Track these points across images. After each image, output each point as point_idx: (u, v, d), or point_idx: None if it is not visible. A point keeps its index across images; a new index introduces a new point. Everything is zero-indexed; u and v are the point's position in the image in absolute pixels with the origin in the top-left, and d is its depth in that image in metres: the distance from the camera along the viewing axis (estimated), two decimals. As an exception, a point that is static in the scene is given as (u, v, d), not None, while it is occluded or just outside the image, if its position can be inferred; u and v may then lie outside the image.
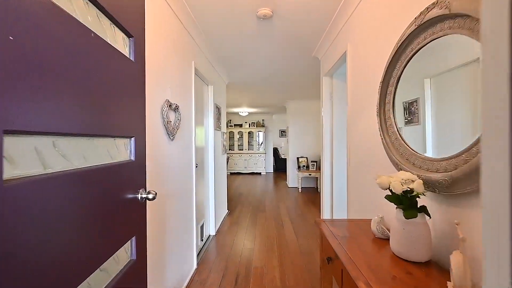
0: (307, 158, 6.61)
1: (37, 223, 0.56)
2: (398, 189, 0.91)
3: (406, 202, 0.93)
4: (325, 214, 2.87)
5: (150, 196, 1.09)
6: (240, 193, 6.19)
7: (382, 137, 1.32)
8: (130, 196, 1.01)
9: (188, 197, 2.26)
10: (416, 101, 1.16)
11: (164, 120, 1.69)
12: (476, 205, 0.77)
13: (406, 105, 1.23)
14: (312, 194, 6.01)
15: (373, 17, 1.59)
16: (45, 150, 0.60)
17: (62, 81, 0.63)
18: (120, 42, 0.99)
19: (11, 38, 0.50)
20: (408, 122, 1.21)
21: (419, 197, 0.91)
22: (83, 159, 0.74)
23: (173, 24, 1.94)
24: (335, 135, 2.81)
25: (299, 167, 6.54)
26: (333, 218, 2.81)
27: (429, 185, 0.94)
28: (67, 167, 0.67)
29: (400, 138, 1.21)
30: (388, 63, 1.28)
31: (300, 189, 6.43)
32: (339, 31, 2.24)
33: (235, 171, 9.79)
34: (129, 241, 1.02)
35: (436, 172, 0.93)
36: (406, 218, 0.89)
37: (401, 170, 1.13)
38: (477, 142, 0.75)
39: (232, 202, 5.23)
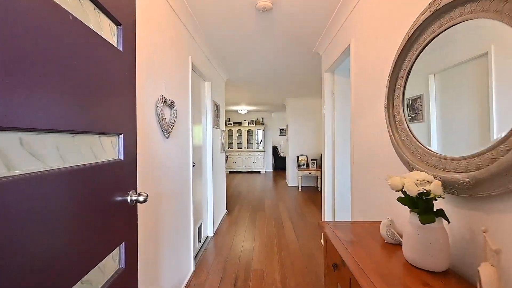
0: (307, 156, 6.53)
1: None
2: (413, 191, 0.82)
3: (422, 205, 0.84)
4: (327, 214, 2.79)
5: (141, 198, 1.01)
6: (239, 192, 6.11)
7: (391, 134, 1.24)
8: (119, 198, 0.92)
9: (185, 197, 2.17)
10: (420, 97, 1.12)
11: (158, 117, 1.60)
12: (507, 209, 0.69)
13: (409, 102, 1.19)
14: (312, 193, 5.94)
15: (380, 7, 1.50)
16: (9, 149, 0.51)
17: (26, 66, 0.54)
18: (107, 30, 0.90)
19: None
20: (411, 120, 1.17)
21: (436, 199, 0.83)
22: (60, 159, 0.65)
23: (168, 16, 1.84)
24: (337, 133, 2.72)
25: (299, 165, 6.46)
26: (335, 218, 2.73)
27: (447, 186, 0.86)
28: (40, 168, 0.58)
29: (411, 135, 1.13)
30: (397, 55, 1.19)
31: (300, 188, 6.36)
32: (342, 23, 2.15)
33: (234, 170, 9.71)
34: (118, 248, 0.93)
35: (454, 172, 0.84)
36: (422, 223, 0.81)
37: (413, 169, 1.05)
38: (506, 138, 0.66)
39: (231, 201, 5.15)
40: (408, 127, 1.15)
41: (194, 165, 2.57)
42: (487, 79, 0.77)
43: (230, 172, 9.65)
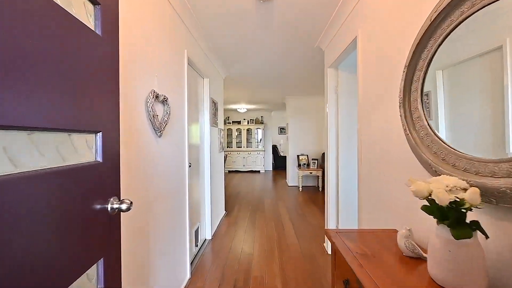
0: (307, 155, 6.40)
1: None
2: (444, 200, 0.69)
3: (453, 216, 0.71)
4: (330, 218, 2.66)
5: (124, 206, 0.87)
6: (238, 192, 5.98)
7: (408, 132, 1.11)
8: (97, 207, 0.79)
9: (180, 200, 2.04)
10: (427, 94, 1.05)
11: (149, 114, 1.46)
12: None
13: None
14: (313, 193, 5.81)
15: (392, -7, 1.36)
16: None
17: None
18: (80, 9, 0.76)
19: None
20: None
21: (471, 210, 0.69)
22: (9, 163, 0.51)
23: (162, 6, 1.70)
24: (341, 129, 2.59)
25: (299, 165, 6.32)
26: (339, 217, 2.61)
27: (482, 193, 0.72)
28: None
29: (432, 133, 0.99)
30: (416, 43, 1.05)
31: (300, 188, 6.23)
32: (349, 13, 2.01)
33: (233, 169, 9.57)
34: (95, 264, 0.80)
35: (491, 176, 0.71)
36: (456, 239, 0.67)
37: (435, 172, 0.92)
38: None
39: (230, 202, 5.01)
40: (429, 124, 1.02)
41: (190, 166, 2.44)
42: (501, 74, 0.73)
43: (229, 171, 9.52)
